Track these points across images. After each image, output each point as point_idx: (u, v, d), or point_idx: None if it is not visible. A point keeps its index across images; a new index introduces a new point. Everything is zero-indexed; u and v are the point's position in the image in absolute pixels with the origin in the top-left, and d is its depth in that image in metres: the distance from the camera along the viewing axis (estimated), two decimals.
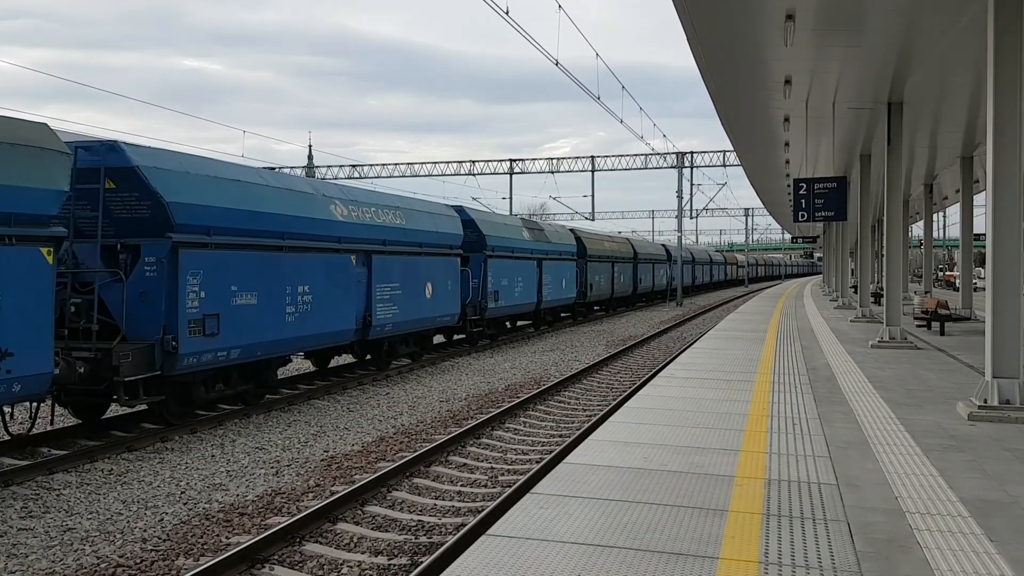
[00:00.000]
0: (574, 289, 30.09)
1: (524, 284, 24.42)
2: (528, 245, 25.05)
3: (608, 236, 39.51)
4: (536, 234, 26.39)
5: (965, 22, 9.77)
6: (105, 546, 6.84)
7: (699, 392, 9.62)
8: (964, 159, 21.29)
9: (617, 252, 37.18)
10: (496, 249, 22.18)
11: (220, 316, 11.11)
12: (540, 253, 26.13)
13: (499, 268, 22.34)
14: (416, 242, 17.15)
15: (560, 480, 5.78)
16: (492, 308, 21.80)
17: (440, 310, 18.13)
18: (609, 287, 35.62)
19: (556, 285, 27.73)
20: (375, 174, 53.74)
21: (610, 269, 35.70)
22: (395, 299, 16.00)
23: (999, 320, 8.18)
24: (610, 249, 36.11)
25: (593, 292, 32.91)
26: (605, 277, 34.85)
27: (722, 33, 10.76)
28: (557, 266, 27.98)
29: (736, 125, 17.98)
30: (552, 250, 27.53)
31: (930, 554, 4.34)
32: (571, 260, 29.81)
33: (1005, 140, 8.08)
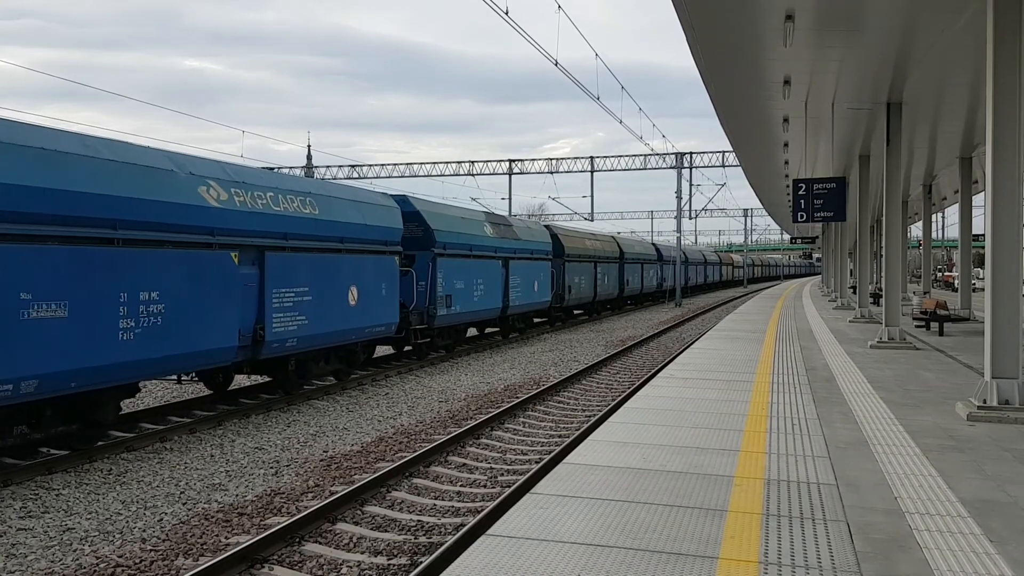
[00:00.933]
0: (549, 292, 27.21)
1: (486, 287, 21.35)
2: (492, 242, 22.06)
3: (590, 234, 36.56)
4: (502, 230, 23.49)
5: (964, 22, 9.78)
6: (104, 546, 6.84)
7: (698, 392, 9.62)
8: (963, 160, 21.32)
9: (601, 251, 34.66)
10: (449, 246, 19.14)
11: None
12: (506, 251, 23.17)
13: (453, 268, 19.22)
14: (334, 236, 14.03)
15: (560, 480, 5.78)
16: (444, 315, 18.77)
17: (370, 319, 15.03)
18: (591, 289, 33.03)
19: (527, 287, 24.87)
20: (374, 174, 53.76)
21: (592, 270, 33.06)
22: (302, 307, 12.86)
23: (998, 320, 8.18)
24: (592, 248, 33.60)
25: (572, 295, 30.19)
26: (586, 278, 32.25)
27: (721, 33, 10.77)
28: (528, 266, 25.11)
29: (735, 125, 18.00)
30: (522, 248, 24.63)
31: (930, 554, 4.34)
32: (545, 260, 27.02)
33: (1004, 140, 8.09)
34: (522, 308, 24.83)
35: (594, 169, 50.77)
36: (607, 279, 35.72)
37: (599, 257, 34.25)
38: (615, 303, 39.32)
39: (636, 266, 41.76)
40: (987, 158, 8.25)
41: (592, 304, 34.50)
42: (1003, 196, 8.14)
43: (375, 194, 16.72)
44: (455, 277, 19.35)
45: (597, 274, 33.79)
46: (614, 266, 37.11)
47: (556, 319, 30.05)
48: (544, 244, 27.15)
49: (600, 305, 36.17)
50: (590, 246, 33.22)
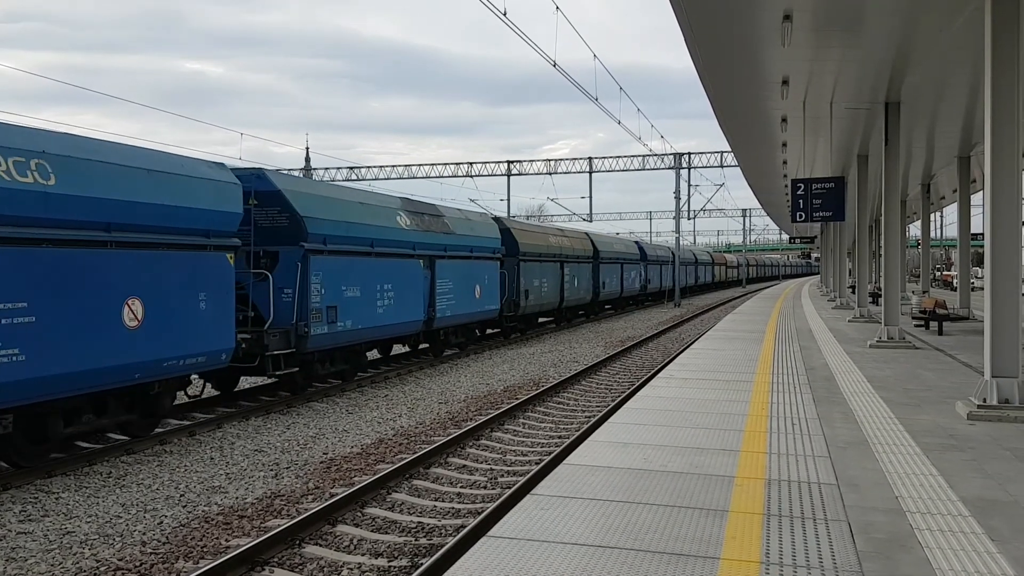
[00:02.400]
0: (497, 299, 22.52)
1: (399, 295, 16.37)
2: (409, 237, 17.12)
3: (556, 230, 32.17)
4: (426, 221, 18.38)
5: (962, 22, 9.79)
6: (104, 549, 6.83)
7: (698, 393, 9.62)
8: (961, 159, 21.34)
9: (568, 249, 30.31)
10: (332, 240, 14.07)
11: None
12: (433, 249, 18.28)
13: (339, 271, 14.22)
14: (97, 223, 9.23)
15: (560, 481, 5.77)
16: (323, 335, 13.71)
17: (170, 347, 10.23)
18: (556, 293, 28.62)
19: (464, 294, 19.96)
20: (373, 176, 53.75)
21: (558, 271, 28.77)
22: (28, 332, 8.30)
23: (998, 319, 8.18)
24: (557, 245, 29.17)
25: (530, 301, 25.61)
26: (550, 281, 27.82)
27: (720, 33, 10.77)
28: (467, 268, 20.15)
29: (734, 126, 18.01)
30: (457, 245, 19.64)
31: (931, 553, 4.34)
32: (492, 259, 22.19)
33: (1003, 139, 8.09)
34: (458, 320, 19.72)
35: (592, 170, 50.79)
36: (577, 282, 31.36)
37: (567, 256, 29.95)
38: (589, 309, 35.07)
39: (614, 267, 37.36)
40: (986, 157, 8.25)
41: (559, 311, 30.15)
42: (1002, 195, 8.14)
43: (201, 163, 11.54)
44: (343, 282, 14.33)
45: (564, 276, 29.42)
46: (586, 267, 32.88)
47: (511, 330, 25.43)
48: (491, 241, 22.24)
49: (569, 312, 31.96)
50: (555, 243, 28.93)
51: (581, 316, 34.73)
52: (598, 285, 34.53)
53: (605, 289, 35.52)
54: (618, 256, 38.14)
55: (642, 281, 44.02)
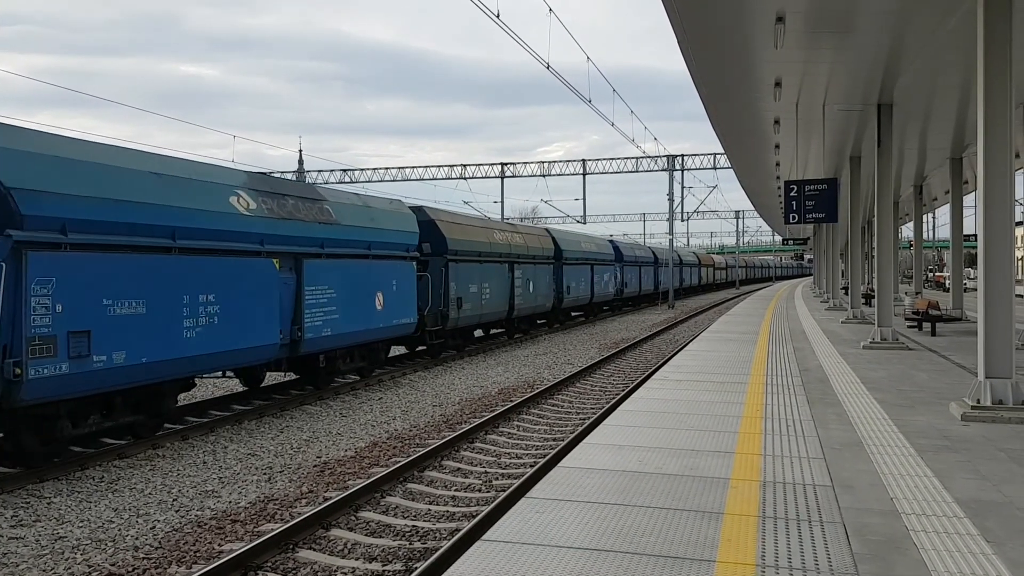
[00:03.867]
0: (414, 309, 17.39)
1: (228, 308, 11.46)
2: (252, 225, 12.05)
3: (506, 224, 27.65)
4: (287, 206, 13.17)
5: (954, 23, 9.81)
6: (96, 554, 6.79)
7: (693, 395, 9.62)
8: (953, 160, 21.39)
9: (521, 248, 25.88)
10: (78, 228, 9.17)
11: None
12: (301, 244, 13.25)
13: (96, 276, 9.34)
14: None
15: (555, 484, 5.75)
16: (82, 373, 9.04)
17: None
18: (505, 301, 24.19)
19: (357, 305, 14.91)
20: (366, 178, 53.71)
21: (505, 274, 24.28)
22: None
23: (991, 320, 8.19)
24: (504, 243, 24.51)
25: (466, 310, 20.91)
26: (495, 286, 23.29)
27: (712, 35, 10.78)
28: (361, 270, 15.19)
29: (727, 127, 18.02)
30: (343, 240, 14.62)
31: (927, 555, 4.33)
32: (405, 259, 17.07)
33: (995, 140, 8.11)
34: (345, 340, 14.66)
35: (586, 172, 50.83)
36: (533, 286, 26.91)
37: (519, 256, 25.62)
38: (550, 317, 30.48)
39: (581, 268, 33.01)
40: (979, 158, 8.27)
41: (508, 321, 25.51)
42: (995, 195, 8.15)
43: None
44: (108, 293, 9.45)
45: (515, 280, 25.01)
46: (546, 269, 28.47)
47: (440, 348, 20.36)
48: (402, 235, 17.12)
49: (524, 322, 27.29)
50: (500, 240, 24.36)
51: (542, 325, 30.15)
52: (561, 290, 30.08)
53: (570, 294, 31.16)
54: (587, 256, 33.80)
55: (617, 285, 39.89)
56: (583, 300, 33.53)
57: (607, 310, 40.53)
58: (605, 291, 37.21)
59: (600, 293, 36.20)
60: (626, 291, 42.06)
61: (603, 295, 36.93)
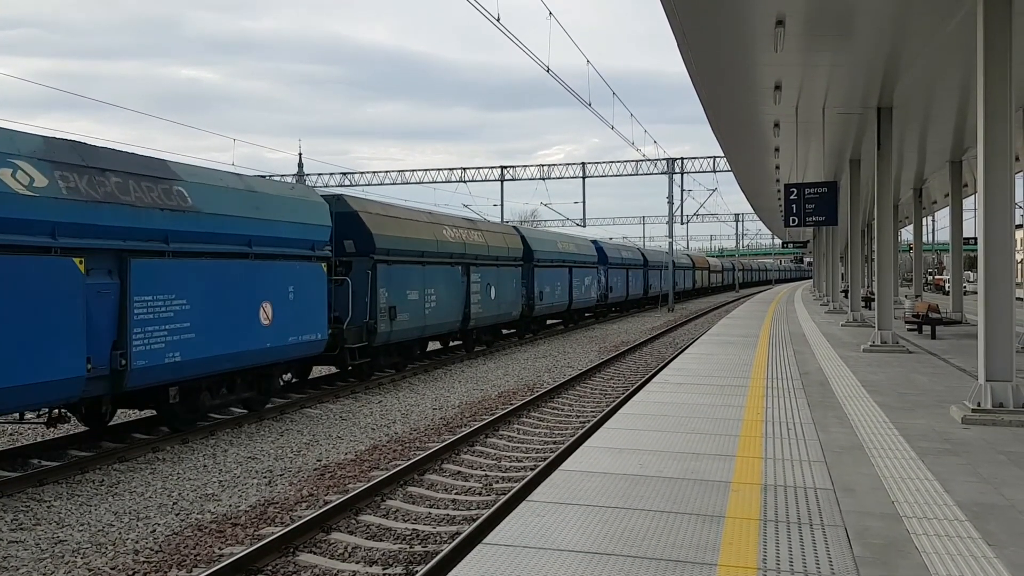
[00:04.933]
0: (322, 324, 13.77)
1: None
2: (52, 212, 8.76)
3: (460, 220, 22.62)
4: (112, 186, 9.68)
5: (954, 26, 9.82)
6: (96, 558, 6.78)
7: (693, 397, 9.61)
8: (953, 163, 21.41)
9: (479, 248, 21.88)
10: None
11: None
12: (139, 236, 10.03)
13: None
14: None
15: (556, 487, 5.75)
16: None
17: None
18: (457, 310, 20.28)
19: (230, 320, 11.45)
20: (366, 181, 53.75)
21: (460, 278, 20.46)
22: None
23: (991, 323, 8.19)
24: (456, 241, 20.50)
25: (403, 322, 16.98)
26: (446, 292, 19.45)
27: (712, 39, 10.79)
28: (242, 274, 11.79)
29: (726, 130, 18.04)
30: (209, 232, 11.20)
31: (928, 558, 4.33)
32: (310, 260, 13.52)
33: (996, 143, 8.11)
34: (208, 366, 11.17)
35: (586, 175, 50.85)
36: (497, 292, 22.99)
37: (478, 257, 21.77)
38: (519, 327, 26.72)
39: (557, 272, 29.32)
40: (979, 161, 8.27)
41: (464, 332, 21.61)
42: (995, 198, 8.16)
43: None
44: None
45: (472, 285, 21.13)
46: (512, 272, 24.67)
47: (369, 369, 16.47)
48: (307, 230, 13.39)
49: (484, 332, 23.30)
50: (453, 238, 20.43)
51: (512, 336, 26.68)
52: (532, 296, 26.51)
53: (544, 300, 27.46)
54: (564, 258, 30.28)
55: (601, 289, 36.29)
56: (559, 307, 29.86)
57: (590, 317, 37.02)
58: (586, 296, 33.62)
59: (580, 299, 32.57)
60: (611, 296, 38.32)
61: (584, 301, 33.23)
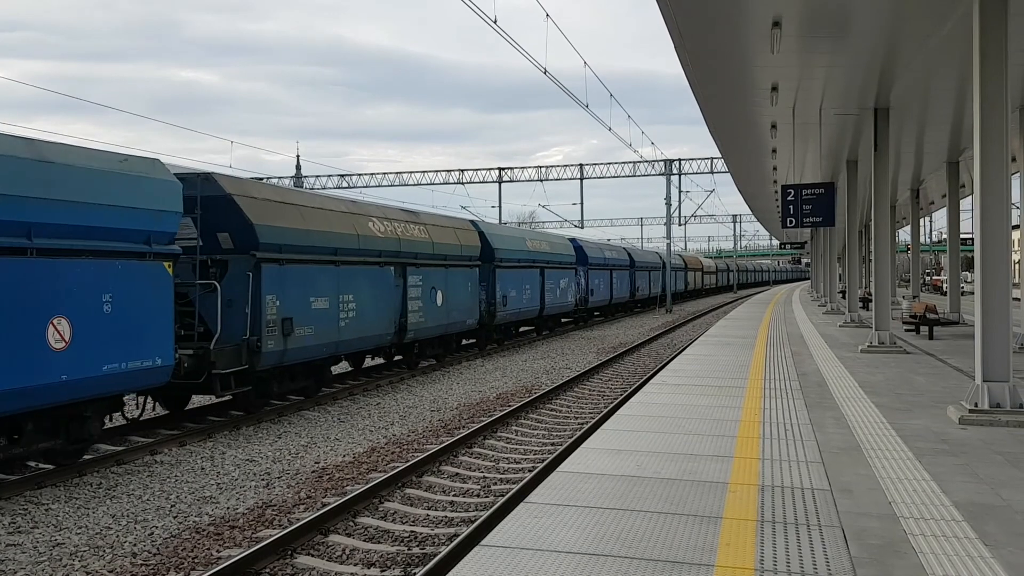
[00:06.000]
0: (164, 346, 10.22)
1: None
2: None
3: (396, 212, 18.46)
4: None
5: (950, 27, 9.84)
6: (94, 561, 6.77)
7: (691, 399, 9.62)
8: (950, 164, 21.45)
9: (420, 245, 18.10)
10: None
11: None
12: None
13: None
14: None
15: (554, 489, 5.75)
16: None
17: None
18: (390, 320, 16.51)
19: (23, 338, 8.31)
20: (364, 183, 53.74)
21: (392, 282, 16.68)
22: None
23: (988, 324, 8.21)
24: (389, 236, 16.73)
25: (303, 339, 13.40)
26: (372, 298, 15.74)
27: (709, 40, 10.80)
28: (15, 277, 8.33)
29: (723, 132, 18.06)
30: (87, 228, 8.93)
31: (925, 559, 4.34)
32: (141, 258, 9.92)
33: (992, 143, 8.13)
34: None
35: (584, 176, 50.87)
36: (446, 297, 19.29)
37: (419, 256, 17.97)
38: (479, 337, 23.21)
39: (526, 273, 25.69)
40: (975, 161, 8.29)
41: (400, 345, 17.83)
42: (991, 199, 8.17)
43: None
44: None
45: (408, 289, 17.26)
46: (466, 274, 21.01)
47: (260, 397, 13.10)
48: (144, 215, 9.91)
49: (429, 346, 19.35)
50: (381, 232, 16.45)
51: (470, 347, 23.47)
52: (495, 301, 23.13)
53: (508, 307, 24.04)
54: (534, 258, 26.65)
55: (580, 293, 32.81)
56: (528, 313, 26.37)
57: (570, 323, 33.84)
58: (561, 301, 30.01)
59: (555, 303, 29.09)
60: (592, 300, 34.85)
61: (559, 305, 29.66)
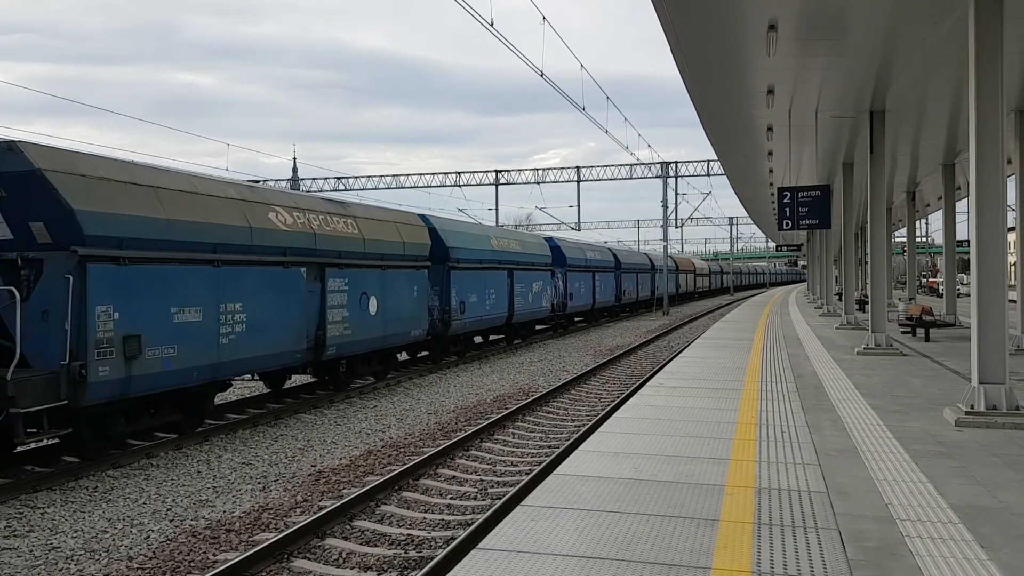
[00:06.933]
0: None
1: None
2: None
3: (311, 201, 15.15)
4: None
5: (946, 30, 9.86)
6: (90, 565, 6.75)
7: (687, 401, 9.62)
8: (946, 166, 21.48)
9: (349, 244, 15.17)
10: None
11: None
12: None
13: None
14: None
15: (551, 492, 5.75)
16: None
17: None
18: (301, 333, 13.47)
19: None
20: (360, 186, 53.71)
21: (303, 286, 13.61)
22: None
23: (984, 326, 8.21)
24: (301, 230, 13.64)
25: (157, 360, 10.16)
26: (267, 309, 12.61)
27: (705, 43, 10.81)
28: None
29: (720, 134, 18.07)
30: None
31: (922, 561, 4.34)
32: None
33: (988, 146, 8.14)
34: None
35: (580, 179, 50.90)
36: (383, 304, 16.23)
37: (344, 254, 14.96)
38: (432, 349, 20.54)
39: (489, 276, 22.79)
40: (971, 164, 8.30)
41: (320, 364, 14.80)
42: (987, 201, 8.18)
43: None
44: None
45: (327, 295, 14.26)
46: (411, 275, 17.60)
47: (82, 445, 9.73)
48: None
49: (358, 361, 16.20)
50: (284, 224, 13.27)
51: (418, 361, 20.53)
52: (449, 308, 19.93)
53: (467, 314, 21.00)
54: (501, 259, 23.76)
55: (558, 297, 30.09)
56: (492, 320, 23.21)
57: (547, 330, 30.85)
58: (535, 306, 26.73)
59: (525, 309, 25.74)
60: (572, 305, 31.80)
61: (531, 311, 26.36)
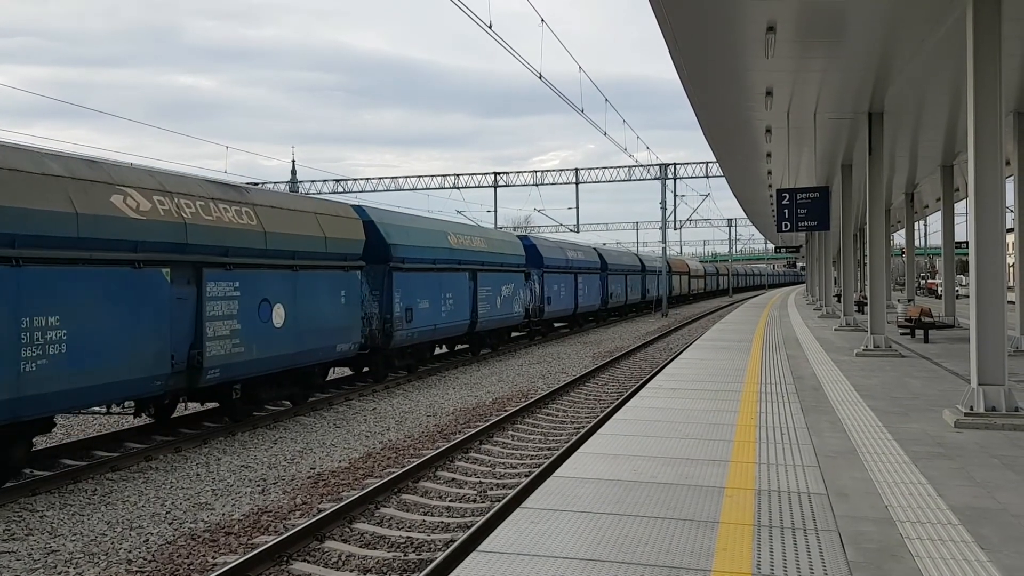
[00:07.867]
0: None
1: None
2: None
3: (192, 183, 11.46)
4: None
5: (944, 32, 9.87)
6: (89, 568, 6.74)
7: (687, 403, 9.62)
8: (944, 168, 21.50)
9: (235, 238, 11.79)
10: None
11: None
12: None
13: None
14: None
15: (550, 494, 5.74)
16: None
17: None
18: (161, 353, 10.29)
19: None
20: (359, 188, 53.71)
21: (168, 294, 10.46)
22: None
23: (983, 327, 8.22)
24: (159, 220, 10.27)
25: None
26: (106, 323, 9.42)
27: (704, 44, 10.82)
28: None
29: (718, 136, 18.08)
30: None
31: (922, 563, 4.34)
32: None
33: (986, 148, 8.15)
34: None
35: (579, 181, 50.94)
36: (293, 313, 13.24)
37: (227, 252, 11.69)
38: (372, 365, 17.45)
39: (447, 278, 19.90)
40: (969, 165, 8.31)
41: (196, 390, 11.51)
42: (985, 202, 8.19)
43: None
44: None
45: (206, 304, 11.13)
46: (337, 279, 14.93)
47: None
48: None
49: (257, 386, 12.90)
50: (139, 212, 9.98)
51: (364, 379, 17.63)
52: (391, 316, 16.98)
53: (414, 323, 17.91)
54: (461, 259, 20.98)
55: (534, 302, 27.52)
56: (450, 329, 20.26)
57: (522, 337, 27.92)
58: (504, 312, 23.85)
59: (494, 315, 23.00)
60: (550, 310, 28.92)
61: (499, 318, 23.53)
